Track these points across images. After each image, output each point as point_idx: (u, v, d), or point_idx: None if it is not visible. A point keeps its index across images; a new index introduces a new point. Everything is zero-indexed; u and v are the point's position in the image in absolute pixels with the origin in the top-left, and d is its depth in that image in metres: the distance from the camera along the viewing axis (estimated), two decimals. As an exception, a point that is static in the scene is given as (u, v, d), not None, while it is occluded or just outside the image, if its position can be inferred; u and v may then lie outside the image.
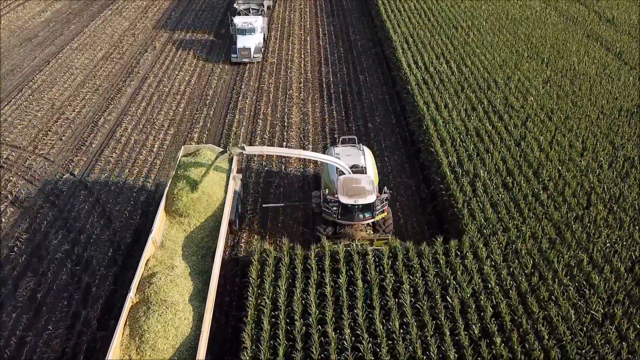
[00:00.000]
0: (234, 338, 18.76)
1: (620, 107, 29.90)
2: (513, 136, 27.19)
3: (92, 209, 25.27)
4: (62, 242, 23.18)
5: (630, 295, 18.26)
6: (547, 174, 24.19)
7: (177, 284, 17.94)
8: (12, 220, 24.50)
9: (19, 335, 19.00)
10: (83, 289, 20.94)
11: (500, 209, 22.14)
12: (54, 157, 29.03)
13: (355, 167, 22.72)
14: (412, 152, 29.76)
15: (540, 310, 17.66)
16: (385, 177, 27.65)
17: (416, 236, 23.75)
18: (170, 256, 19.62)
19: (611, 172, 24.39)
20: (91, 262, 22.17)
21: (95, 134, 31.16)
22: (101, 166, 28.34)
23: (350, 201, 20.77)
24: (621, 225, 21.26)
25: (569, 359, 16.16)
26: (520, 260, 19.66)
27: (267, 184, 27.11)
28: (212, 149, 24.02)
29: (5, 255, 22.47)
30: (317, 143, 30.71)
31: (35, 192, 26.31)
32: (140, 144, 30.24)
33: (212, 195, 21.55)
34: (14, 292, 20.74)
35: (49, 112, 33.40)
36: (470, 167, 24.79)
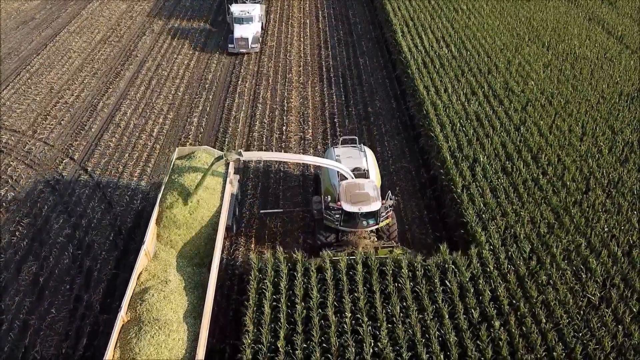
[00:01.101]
0: (236, 321, 18.98)
1: (620, 92, 29.84)
2: (513, 121, 27.17)
3: (93, 193, 25.33)
4: (63, 227, 23.29)
5: (627, 279, 18.45)
6: (546, 159, 24.24)
7: (171, 301, 16.87)
8: (12, 204, 24.56)
9: (22, 319, 19.19)
10: (85, 272, 21.09)
11: (499, 194, 22.23)
12: (53, 142, 28.99)
13: (357, 170, 21.70)
14: (412, 136, 29.75)
15: (538, 294, 17.86)
16: (385, 162, 27.70)
17: (415, 220, 23.91)
18: (163, 268, 18.49)
19: (610, 157, 24.45)
20: (92, 247, 22.30)
21: (95, 118, 31.07)
22: (101, 150, 28.32)
23: (354, 209, 19.63)
24: (619, 210, 21.39)
25: (565, 342, 16.38)
26: (519, 245, 19.81)
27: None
28: (208, 151, 22.73)
29: (7, 239, 22.58)
30: (316, 127, 30.67)
31: (36, 177, 26.34)
32: (140, 129, 30.18)
33: (208, 203, 20.32)
34: (16, 276, 20.90)
35: (48, 96, 33.26)
36: (469, 151, 24.83)
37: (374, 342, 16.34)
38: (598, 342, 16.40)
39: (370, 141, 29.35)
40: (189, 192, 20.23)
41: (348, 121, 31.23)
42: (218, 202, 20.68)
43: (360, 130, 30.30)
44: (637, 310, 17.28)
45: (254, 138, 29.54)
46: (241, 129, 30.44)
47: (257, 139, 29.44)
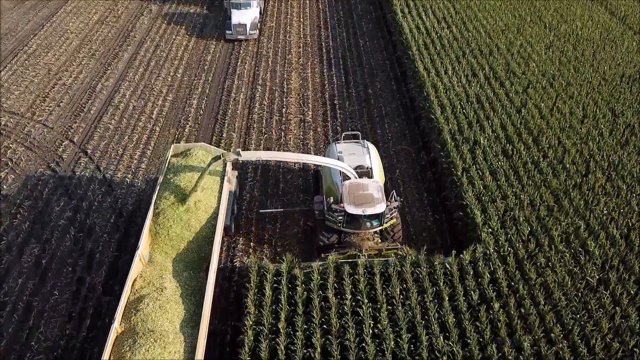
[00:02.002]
0: (237, 303, 19.18)
1: (622, 73, 29.69)
2: (514, 103, 27.07)
3: (93, 176, 25.33)
4: (64, 209, 23.34)
5: (625, 261, 18.60)
6: (547, 141, 24.23)
7: (167, 310, 16.09)
8: (13, 187, 24.59)
9: (26, 300, 19.37)
10: (87, 255, 21.21)
11: (499, 177, 22.26)
12: (52, 124, 28.88)
13: (360, 167, 20.84)
14: (412, 118, 29.66)
15: (537, 276, 18.02)
16: (385, 144, 27.66)
17: (415, 203, 23.99)
18: (159, 274, 17.71)
19: (611, 140, 24.43)
20: (94, 229, 22.39)
21: (93, 100, 30.90)
22: (100, 133, 28.23)
23: (358, 211, 18.76)
24: (619, 193, 21.46)
25: (563, 324, 16.59)
26: (518, 228, 19.92)
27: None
28: (205, 148, 21.86)
29: (8, 222, 22.66)
30: (316, 109, 30.54)
31: (35, 159, 26.30)
32: (139, 111, 30.05)
33: (205, 204, 19.54)
34: (18, 258, 21.02)
35: (46, 77, 33.02)
36: (470, 134, 24.79)
37: (374, 323, 16.54)
38: (595, 323, 16.62)
39: (371, 123, 29.28)
40: (185, 193, 19.42)
41: (348, 103, 31.09)
42: (216, 202, 19.80)
43: (360, 112, 30.20)
44: (635, 292, 17.46)
45: (253, 120, 29.44)
46: (241, 110, 30.32)
47: (257, 121, 29.34)
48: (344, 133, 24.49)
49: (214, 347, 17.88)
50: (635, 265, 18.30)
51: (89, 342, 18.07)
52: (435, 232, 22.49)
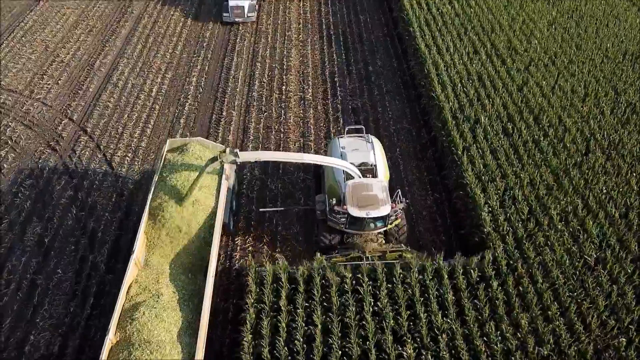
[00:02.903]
0: (238, 281, 19.41)
1: (625, 51, 29.42)
2: (515, 81, 26.90)
3: (93, 154, 25.33)
4: (65, 188, 23.40)
5: (622, 240, 18.76)
6: (547, 120, 24.17)
7: (164, 319, 15.44)
8: (13, 166, 24.60)
9: (29, 278, 19.59)
10: (89, 233, 21.36)
11: (499, 156, 22.27)
12: (51, 102, 28.73)
13: (363, 165, 20.10)
14: (413, 96, 29.51)
15: (535, 255, 18.20)
16: (385, 122, 27.59)
17: (415, 182, 24.05)
18: (155, 278, 17.06)
19: (612, 118, 24.37)
20: (95, 208, 22.50)
21: (92, 78, 30.67)
22: (100, 111, 28.11)
23: (362, 214, 18.12)
24: (618, 172, 21.50)
25: (560, 302, 16.83)
26: (517, 207, 20.02)
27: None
28: (202, 142, 21.07)
29: (10, 200, 22.75)
30: (316, 87, 30.35)
31: (35, 138, 26.24)
32: (138, 88, 29.86)
33: (203, 204, 18.80)
34: (21, 236, 21.17)
35: (43, 54, 32.69)
36: (471, 112, 24.71)
37: (374, 301, 16.77)
38: (592, 301, 16.84)
39: (371, 101, 29.15)
40: (182, 192, 18.71)
41: (349, 80, 30.89)
42: (214, 201, 19.07)
43: (360, 90, 30.03)
44: (632, 270, 17.66)
45: (253, 98, 29.28)
46: (240, 88, 30.13)
47: (257, 99, 29.19)
48: (347, 127, 23.35)
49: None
50: (633, 244, 18.47)
51: (92, 319, 18.34)
52: (434, 211, 22.61)
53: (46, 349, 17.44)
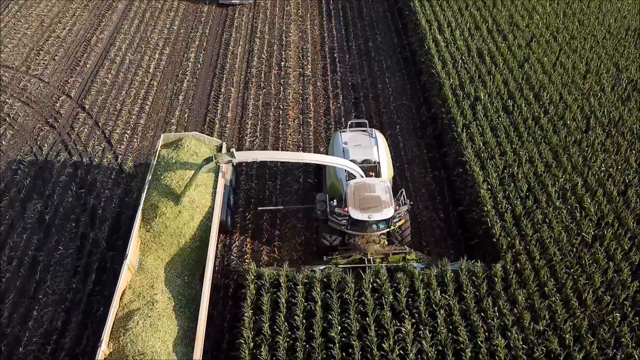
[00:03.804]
0: (239, 258, 19.57)
1: (628, 26, 29.12)
2: (516, 57, 26.67)
3: (92, 131, 25.24)
4: (65, 165, 23.40)
5: (620, 217, 18.88)
6: (548, 97, 24.05)
7: (159, 329, 14.81)
8: (12, 143, 24.54)
9: (31, 255, 19.73)
10: (89, 210, 21.44)
11: (499, 133, 22.23)
12: (48, 78, 28.48)
13: (366, 162, 19.25)
14: (413, 72, 29.29)
15: (533, 232, 18.33)
16: (385, 99, 27.44)
17: (414, 159, 24.05)
18: (150, 283, 16.42)
19: (613, 95, 24.26)
20: (95, 185, 22.53)
21: (89, 54, 30.35)
22: (97, 87, 27.89)
23: (364, 216, 17.31)
24: (618, 150, 21.52)
25: (557, 278, 17.03)
26: (516, 184, 20.08)
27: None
28: (197, 137, 20.20)
29: (10, 177, 22.76)
30: (316, 63, 30.08)
31: (33, 114, 26.11)
32: (136, 64, 29.57)
33: (199, 203, 18.05)
34: (22, 214, 21.25)
35: (39, 29, 32.26)
36: (471, 89, 24.56)
37: (373, 279, 16.94)
38: (588, 277, 17.04)
39: (371, 77, 28.94)
40: (177, 192, 17.95)
41: (348, 56, 30.60)
42: (210, 200, 18.33)
43: (360, 66, 29.78)
44: (629, 247, 17.82)
45: (252, 74, 29.05)
46: (239, 64, 29.86)
47: (256, 75, 28.96)
48: (349, 121, 22.08)
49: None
50: (631, 221, 18.59)
51: (95, 295, 18.54)
52: (434, 189, 22.68)
53: (49, 324, 17.68)
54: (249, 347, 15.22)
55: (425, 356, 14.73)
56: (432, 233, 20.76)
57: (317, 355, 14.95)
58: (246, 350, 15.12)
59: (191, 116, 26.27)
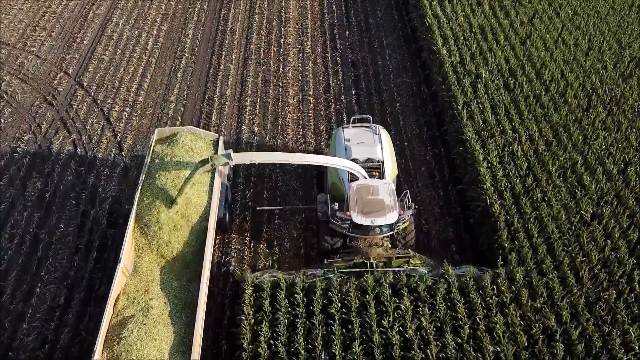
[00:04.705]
0: (240, 236, 19.66)
1: (632, 2, 28.74)
2: (518, 34, 26.37)
3: (90, 109, 25.10)
4: (64, 143, 23.35)
5: (620, 196, 18.93)
6: (549, 75, 23.87)
7: (154, 337, 14.22)
8: (10, 121, 24.42)
9: (32, 233, 19.83)
10: (89, 188, 21.47)
11: (499, 111, 22.13)
12: (45, 55, 28.20)
13: (370, 161, 18.45)
14: (414, 49, 28.99)
15: (532, 210, 18.40)
16: (386, 76, 27.22)
17: (414, 137, 23.99)
18: (145, 287, 15.78)
19: (615, 73, 24.07)
20: (95, 163, 22.52)
21: (86, 30, 29.99)
22: (95, 64, 27.64)
23: (366, 221, 16.66)
24: (618, 128, 21.46)
25: (555, 255, 17.17)
26: (516, 162, 20.08)
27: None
28: (193, 131, 19.38)
29: (9, 155, 22.73)
30: (316, 39, 29.74)
31: (31, 92, 25.92)
32: (134, 41, 29.24)
33: (195, 203, 17.31)
34: (22, 192, 21.29)
35: (34, 5, 31.80)
36: (472, 67, 24.35)
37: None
38: (586, 255, 17.18)
39: (371, 54, 28.65)
40: (171, 191, 17.16)
41: (348, 33, 30.25)
42: (207, 199, 17.55)
43: (360, 43, 29.46)
44: (627, 225, 17.92)
45: (251, 51, 28.75)
46: (238, 41, 29.52)
47: (255, 52, 28.67)
48: (352, 117, 20.91)
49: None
50: (630, 199, 18.65)
51: (96, 272, 18.69)
52: (434, 167, 22.68)
53: (52, 301, 17.88)
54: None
55: (424, 332, 14.93)
56: (432, 211, 20.83)
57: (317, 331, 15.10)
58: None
59: (190, 94, 26.09)
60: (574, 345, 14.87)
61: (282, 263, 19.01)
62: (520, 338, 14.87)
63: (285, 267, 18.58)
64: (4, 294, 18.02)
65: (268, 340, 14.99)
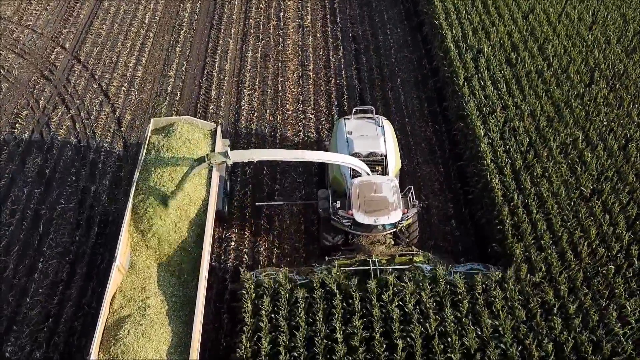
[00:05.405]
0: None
1: (637, -25, 28.21)
2: (521, 8, 25.99)
3: (88, 84, 24.88)
4: (63, 119, 23.21)
5: (620, 172, 18.92)
6: (552, 50, 23.61)
7: (151, 337, 13.83)
8: (8, 96, 24.23)
9: (33, 209, 19.87)
10: (89, 164, 21.43)
11: (501, 86, 21.96)
12: (41, 29, 27.81)
13: (372, 155, 17.82)
14: (415, 24, 28.60)
15: (532, 186, 18.41)
16: (387, 51, 26.92)
17: (415, 113, 23.86)
18: (142, 285, 15.34)
19: (618, 48, 23.81)
20: (94, 138, 22.43)
21: (82, 3, 29.52)
22: (92, 39, 27.29)
23: (369, 220, 16.12)
24: (621, 104, 21.32)
25: (553, 231, 17.24)
26: (517, 138, 20.01)
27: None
28: (190, 121, 18.72)
29: (8, 131, 22.63)
30: (316, 13, 29.31)
31: (28, 67, 25.66)
32: (131, 15, 28.80)
33: (192, 197, 16.78)
34: (22, 167, 21.26)
35: (29, -23, 31.20)
36: (474, 41, 24.07)
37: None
38: (584, 230, 17.25)
39: (372, 29, 28.29)
40: (168, 185, 16.68)
41: (349, 6, 29.80)
42: (205, 192, 17.08)
43: (361, 17, 29.06)
44: (627, 201, 17.95)
45: (250, 25, 28.37)
46: (237, 15, 29.09)
47: (254, 27, 28.29)
48: (354, 108, 19.95)
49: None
50: (630, 175, 18.64)
51: (98, 248, 18.79)
52: (434, 143, 22.62)
53: (55, 276, 18.02)
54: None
55: (424, 307, 15.10)
56: (432, 187, 20.85)
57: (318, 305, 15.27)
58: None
59: (189, 69, 25.84)
60: (571, 319, 15.05)
61: (282, 259, 18.48)
62: (518, 312, 15.04)
63: (286, 263, 17.99)
64: (7, 269, 18.15)
65: (269, 313, 15.15)
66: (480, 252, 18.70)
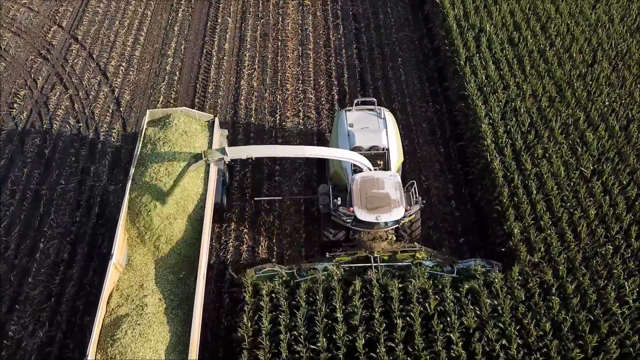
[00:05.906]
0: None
1: (642, -48, 27.74)
2: (524, -14, 25.62)
3: (86, 64, 24.65)
4: (61, 99, 23.06)
5: (621, 152, 18.88)
6: (555, 29, 23.35)
7: (149, 337, 13.60)
8: (6, 75, 24.02)
9: (33, 189, 19.86)
10: (88, 144, 21.35)
11: (502, 66, 21.77)
12: (37, 7, 27.44)
13: (374, 148, 17.32)
14: (416, 2, 28.23)
15: (532, 166, 18.39)
16: (387, 30, 26.61)
17: (416, 93, 23.71)
18: (139, 282, 15.09)
19: (621, 27, 23.54)
20: (93, 119, 22.31)
21: (79, -19, 29.06)
22: (89, 17, 26.95)
23: (371, 218, 15.73)
24: (623, 84, 21.17)
25: (553, 211, 17.28)
26: (518, 119, 19.91)
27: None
28: (187, 113, 18.32)
29: (6, 111, 22.49)
30: (316, -8, 28.91)
31: (25, 46, 25.38)
32: (128, -7, 28.43)
33: (190, 192, 16.48)
34: (21, 148, 21.19)
35: (24, -46, 30.65)
36: (476, 20, 23.79)
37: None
38: (584, 211, 17.29)
39: (373, 7, 27.92)
40: (165, 180, 16.27)
41: (349, -15, 29.36)
42: (203, 186, 16.72)
43: (362, -5, 28.70)
44: (627, 182, 17.95)
45: (249, 4, 27.99)
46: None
47: (253, 5, 27.92)
48: (355, 100, 19.55)
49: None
50: (631, 156, 18.60)
51: (99, 228, 18.84)
52: (435, 123, 22.51)
53: (56, 256, 18.09)
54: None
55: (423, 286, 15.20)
56: (432, 167, 20.83)
57: (318, 284, 15.39)
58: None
59: (187, 48, 25.58)
60: (570, 299, 15.18)
61: (282, 256, 18.24)
62: (517, 292, 15.15)
63: (287, 260, 17.82)
64: (8, 249, 18.23)
65: (270, 293, 15.27)
66: (479, 232, 18.78)
